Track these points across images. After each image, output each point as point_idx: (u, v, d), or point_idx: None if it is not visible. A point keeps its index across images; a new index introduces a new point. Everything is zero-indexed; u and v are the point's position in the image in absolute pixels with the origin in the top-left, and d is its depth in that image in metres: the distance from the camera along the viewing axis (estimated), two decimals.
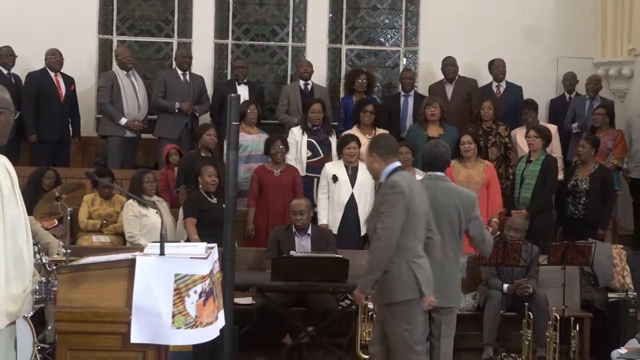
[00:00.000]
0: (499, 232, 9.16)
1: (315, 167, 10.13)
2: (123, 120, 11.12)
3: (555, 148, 10.67)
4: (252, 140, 10.38)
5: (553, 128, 10.81)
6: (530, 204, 9.68)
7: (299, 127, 10.45)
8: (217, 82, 12.53)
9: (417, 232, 6.18)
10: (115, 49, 12.08)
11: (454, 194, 6.64)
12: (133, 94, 11.28)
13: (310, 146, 10.32)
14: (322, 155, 10.28)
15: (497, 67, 11.63)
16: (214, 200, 9.09)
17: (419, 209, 6.17)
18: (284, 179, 9.76)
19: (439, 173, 6.69)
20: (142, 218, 9.33)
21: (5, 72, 11.24)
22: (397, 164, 6.33)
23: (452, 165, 9.57)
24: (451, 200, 6.56)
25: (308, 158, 10.29)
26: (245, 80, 11.49)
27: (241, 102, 10.66)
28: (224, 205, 6.90)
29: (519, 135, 10.56)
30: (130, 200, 9.32)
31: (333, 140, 10.48)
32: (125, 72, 11.30)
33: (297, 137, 10.34)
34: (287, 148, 9.91)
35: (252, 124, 10.54)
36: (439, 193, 6.54)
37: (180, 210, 9.40)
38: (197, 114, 11.39)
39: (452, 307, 6.66)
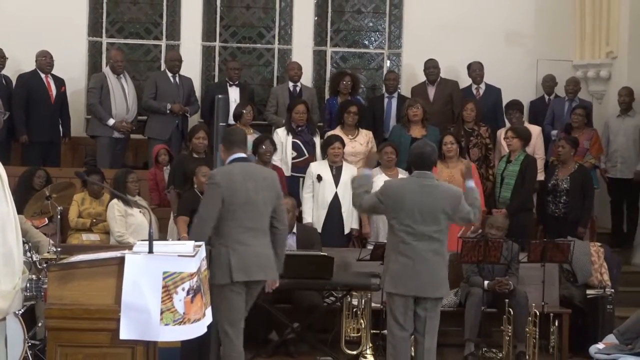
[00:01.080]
0: (480, 230, 9.18)
1: (300, 167, 10.11)
2: (111, 121, 11.08)
3: (537, 149, 10.70)
4: (247, 140, 10.33)
5: (536, 129, 10.84)
6: (510, 203, 9.72)
7: (283, 128, 10.44)
8: (207, 84, 12.51)
9: (241, 220, 6.49)
10: (109, 52, 12.03)
11: (441, 192, 6.79)
12: (122, 95, 11.25)
13: (295, 147, 10.30)
14: (307, 156, 10.27)
15: (474, 70, 11.66)
16: None
17: (240, 199, 6.48)
18: None
19: (426, 172, 6.79)
20: (128, 217, 9.32)
21: None
22: (237, 155, 6.71)
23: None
24: (438, 197, 6.71)
25: (293, 158, 10.27)
26: (237, 82, 11.47)
27: (232, 103, 10.67)
28: None
29: (503, 135, 10.58)
30: (115, 200, 9.31)
31: (317, 140, 10.48)
32: (115, 75, 11.26)
33: (282, 137, 10.33)
34: (275, 148, 9.90)
35: (247, 125, 10.54)
36: (427, 191, 6.70)
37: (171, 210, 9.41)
38: (188, 115, 11.38)
39: (437, 299, 6.76)
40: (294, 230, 8.96)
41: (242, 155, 6.76)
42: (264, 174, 6.89)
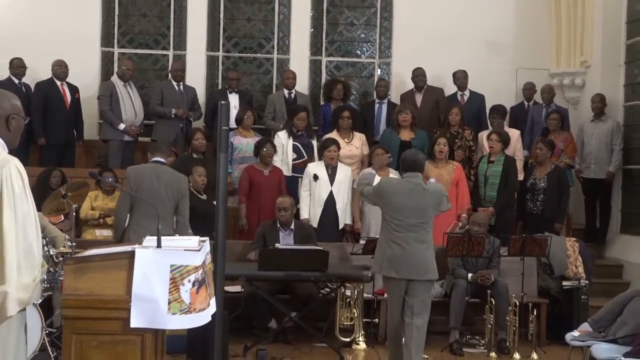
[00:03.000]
0: (468, 226, 9.20)
1: (300, 167, 10.14)
2: (121, 126, 11.14)
3: (517, 151, 10.72)
4: (247, 143, 10.37)
5: (515, 133, 10.85)
6: (496, 201, 9.76)
7: (284, 131, 10.45)
8: (210, 91, 12.52)
9: (146, 210, 7.39)
10: (122, 61, 12.04)
11: (428, 191, 7.16)
12: (130, 101, 11.31)
13: (295, 149, 10.33)
14: (305, 157, 10.29)
15: (458, 78, 11.68)
16: (204, 197, 9.11)
17: (149, 193, 7.48)
18: (272, 178, 9.78)
19: (417, 173, 7.21)
20: None
21: (16, 81, 11.20)
22: (155, 158, 7.84)
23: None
24: (427, 195, 7.12)
25: (293, 160, 10.30)
26: (237, 90, 11.50)
27: (232, 109, 10.68)
28: (213, 201, 6.94)
29: (485, 138, 10.59)
30: None
31: (315, 143, 10.50)
32: (122, 83, 11.30)
33: (282, 140, 10.35)
34: (275, 150, 9.93)
35: (248, 129, 10.57)
36: (417, 190, 7.11)
37: None
38: (192, 119, 11.42)
39: (426, 281, 7.07)
40: (292, 226, 8.97)
41: (160, 159, 7.84)
42: (170, 175, 7.75)
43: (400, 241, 6.99)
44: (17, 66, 11.27)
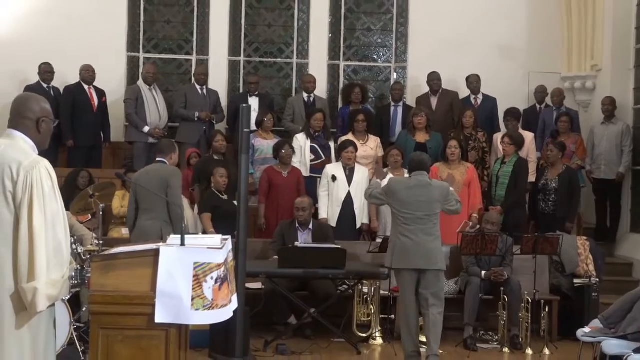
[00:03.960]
0: (478, 226, 9.17)
1: (317, 168, 10.13)
2: (146, 128, 11.17)
3: (531, 153, 10.70)
4: (268, 145, 10.36)
5: (529, 135, 10.82)
6: (505, 200, 9.71)
7: (303, 133, 10.46)
8: (232, 94, 12.53)
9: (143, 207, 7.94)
10: (145, 66, 12.09)
11: (434, 187, 7.47)
12: (154, 105, 11.34)
13: (313, 150, 10.34)
14: (323, 158, 10.29)
15: (471, 82, 11.63)
16: (225, 197, 9.11)
17: (142, 190, 7.81)
18: (291, 179, 9.78)
19: (423, 172, 7.52)
20: None
21: (45, 86, 11.24)
22: (158, 159, 8.08)
23: (437, 167, 9.63)
24: (431, 190, 7.40)
25: (311, 161, 10.30)
26: (257, 93, 11.51)
27: (252, 112, 10.69)
28: (234, 201, 6.98)
29: (499, 140, 10.55)
30: None
31: (332, 144, 10.50)
32: (148, 87, 11.34)
33: (301, 142, 10.35)
34: (294, 152, 9.93)
35: (268, 131, 10.57)
36: (423, 186, 7.37)
37: (196, 206, 9.44)
38: (214, 122, 11.43)
39: (436, 271, 7.30)
40: (310, 226, 8.97)
41: (161, 159, 8.10)
42: (157, 170, 7.99)
43: (409, 234, 7.26)
44: (45, 71, 11.31)
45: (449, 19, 12.52)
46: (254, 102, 11.32)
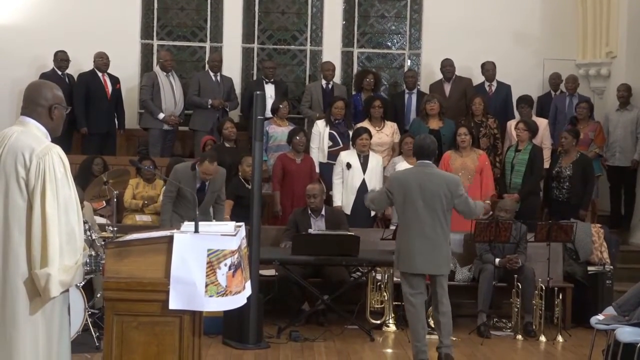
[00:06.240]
0: (491, 213, 9.14)
1: (335, 155, 10.09)
2: (161, 115, 11.15)
3: (545, 139, 10.67)
4: (282, 132, 10.33)
5: (543, 122, 10.79)
6: (521, 188, 9.68)
7: (323, 120, 10.45)
8: (246, 82, 12.51)
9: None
10: (159, 53, 12.09)
11: (441, 178, 6.93)
12: (171, 92, 11.32)
13: (331, 137, 10.33)
14: (341, 145, 10.28)
15: (487, 70, 11.58)
16: (250, 187, 9.07)
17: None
18: (304, 166, 9.78)
19: (426, 161, 6.98)
20: None
21: (60, 73, 11.25)
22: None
23: (448, 155, 9.61)
24: (438, 183, 6.85)
25: (329, 147, 10.30)
26: (272, 80, 11.48)
27: (268, 99, 10.67)
28: None
29: (513, 127, 10.50)
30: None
31: (351, 133, 10.48)
32: (165, 73, 11.33)
33: (320, 128, 10.36)
34: (307, 139, 9.92)
35: (283, 118, 10.55)
36: (428, 178, 6.86)
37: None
38: (227, 109, 11.42)
39: (441, 275, 6.93)
40: (322, 212, 8.94)
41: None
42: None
43: (414, 234, 6.80)
44: (61, 59, 11.32)
45: (463, 6, 12.46)
46: (270, 89, 11.30)
